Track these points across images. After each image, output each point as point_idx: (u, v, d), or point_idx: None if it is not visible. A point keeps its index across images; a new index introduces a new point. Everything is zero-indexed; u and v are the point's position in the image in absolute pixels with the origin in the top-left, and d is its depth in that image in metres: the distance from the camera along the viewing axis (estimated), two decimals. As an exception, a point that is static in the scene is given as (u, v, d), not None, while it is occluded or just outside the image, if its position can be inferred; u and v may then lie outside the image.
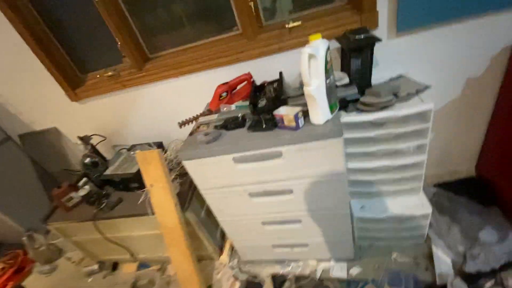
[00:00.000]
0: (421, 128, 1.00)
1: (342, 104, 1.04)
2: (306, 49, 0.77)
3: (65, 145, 1.98)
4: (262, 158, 0.96)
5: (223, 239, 1.62)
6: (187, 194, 1.33)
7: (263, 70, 1.34)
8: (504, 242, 1.17)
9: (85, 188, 1.54)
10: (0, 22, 1.41)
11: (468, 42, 1.10)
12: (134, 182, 1.43)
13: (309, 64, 0.78)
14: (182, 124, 1.20)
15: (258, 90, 1.17)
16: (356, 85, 1.07)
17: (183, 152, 1.00)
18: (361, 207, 1.29)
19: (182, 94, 1.53)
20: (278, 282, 1.35)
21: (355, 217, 1.27)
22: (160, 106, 1.60)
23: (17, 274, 1.93)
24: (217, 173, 1.04)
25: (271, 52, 1.25)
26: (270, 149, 0.92)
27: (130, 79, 1.51)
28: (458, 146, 1.45)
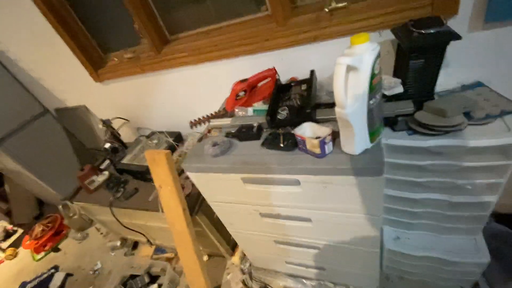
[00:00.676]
0: (498, 164, 0.73)
1: (388, 120, 0.80)
2: (344, 58, 0.54)
3: (94, 123, 2.01)
4: (275, 183, 0.79)
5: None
6: (199, 195, 1.23)
7: (293, 63, 1.10)
8: None
9: (104, 173, 1.55)
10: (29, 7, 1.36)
11: None
12: (149, 174, 1.38)
13: (346, 79, 0.56)
14: (193, 124, 1.06)
15: (282, 90, 0.96)
16: (413, 94, 0.80)
17: (188, 163, 0.88)
18: (395, 238, 1.08)
19: (200, 84, 1.37)
20: (289, 298, 1.25)
21: (386, 248, 1.07)
22: (177, 95, 1.48)
23: (55, 236, 2.13)
24: (224, 189, 0.91)
25: (304, 41, 1.01)
26: (285, 176, 0.75)
27: (149, 63, 1.39)
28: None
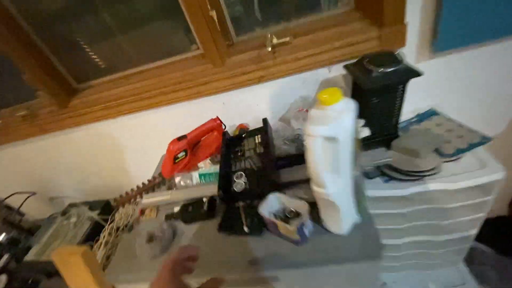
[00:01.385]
0: (479, 201, 0.67)
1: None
2: (317, 128, 0.39)
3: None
4: (245, 284, 0.58)
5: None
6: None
7: (238, 107, 0.95)
8: None
9: (1, 278, 1.10)
10: None
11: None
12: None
13: (323, 152, 0.40)
14: (120, 204, 0.80)
15: (232, 145, 0.78)
16: (378, 134, 0.71)
17: (114, 274, 0.61)
18: (382, 285, 0.97)
19: (125, 140, 1.11)
20: None
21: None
22: (99, 155, 1.17)
23: None
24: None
25: (249, 82, 0.86)
26: (258, 273, 0.55)
27: (52, 121, 1.06)
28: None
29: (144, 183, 0.83)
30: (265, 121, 0.78)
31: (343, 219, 0.49)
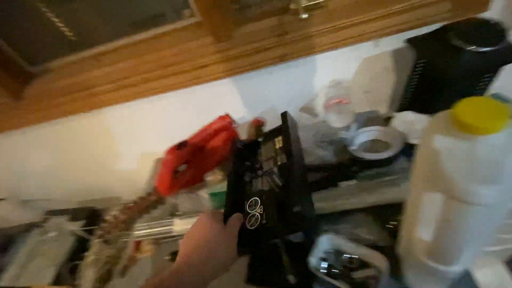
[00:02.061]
0: None
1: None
2: (486, 190, 0.20)
3: None
4: None
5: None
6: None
7: (249, 95, 0.73)
8: None
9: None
10: None
11: None
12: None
13: (472, 222, 0.22)
14: (103, 234, 0.61)
15: (246, 156, 0.57)
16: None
17: None
18: None
19: (104, 138, 0.88)
20: None
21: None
22: (73, 155, 0.95)
23: None
24: None
25: (264, 64, 0.64)
26: None
27: (6, 118, 0.82)
28: None
29: (136, 202, 0.64)
30: (284, 116, 0.53)
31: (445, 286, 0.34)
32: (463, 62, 0.42)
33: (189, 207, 0.56)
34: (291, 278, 0.42)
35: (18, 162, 0.99)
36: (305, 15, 0.58)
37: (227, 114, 0.62)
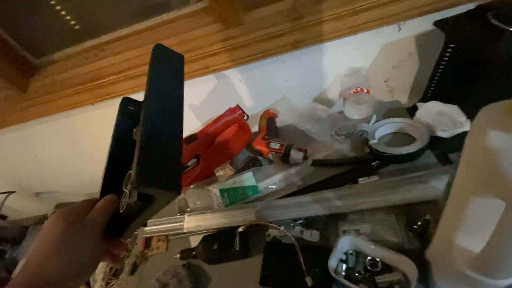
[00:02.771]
0: None
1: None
2: None
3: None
4: None
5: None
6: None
7: (261, 84, 0.69)
8: None
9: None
10: None
11: None
12: None
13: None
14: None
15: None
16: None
17: None
18: None
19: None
20: None
21: None
22: (82, 147, 0.95)
23: None
24: None
25: (277, 51, 0.60)
26: None
27: (11, 112, 0.81)
28: None
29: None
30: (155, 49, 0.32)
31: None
32: (505, 45, 0.37)
33: (198, 203, 0.54)
34: (309, 280, 0.40)
35: (28, 155, 0.99)
36: (321, -3, 0.53)
37: (237, 106, 0.58)
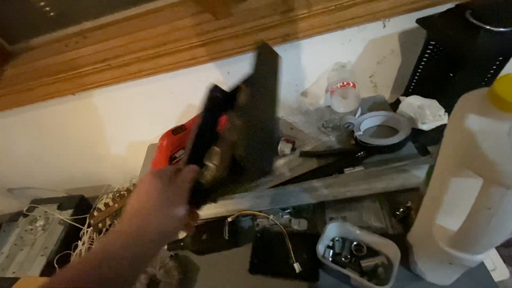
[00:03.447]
0: None
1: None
2: None
3: None
4: None
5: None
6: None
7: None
8: None
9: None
10: None
11: None
12: None
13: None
14: (95, 223, 0.58)
15: (225, 109, 0.40)
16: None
17: None
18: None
19: (92, 122, 0.83)
20: None
21: None
22: (59, 140, 0.90)
23: None
24: None
25: (268, 43, 0.60)
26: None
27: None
28: None
29: (129, 190, 0.61)
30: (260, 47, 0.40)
31: (458, 274, 0.33)
32: (481, 42, 0.39)
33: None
34: (297, 266, 0.41)
35: (0, 148, 0.93)
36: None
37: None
